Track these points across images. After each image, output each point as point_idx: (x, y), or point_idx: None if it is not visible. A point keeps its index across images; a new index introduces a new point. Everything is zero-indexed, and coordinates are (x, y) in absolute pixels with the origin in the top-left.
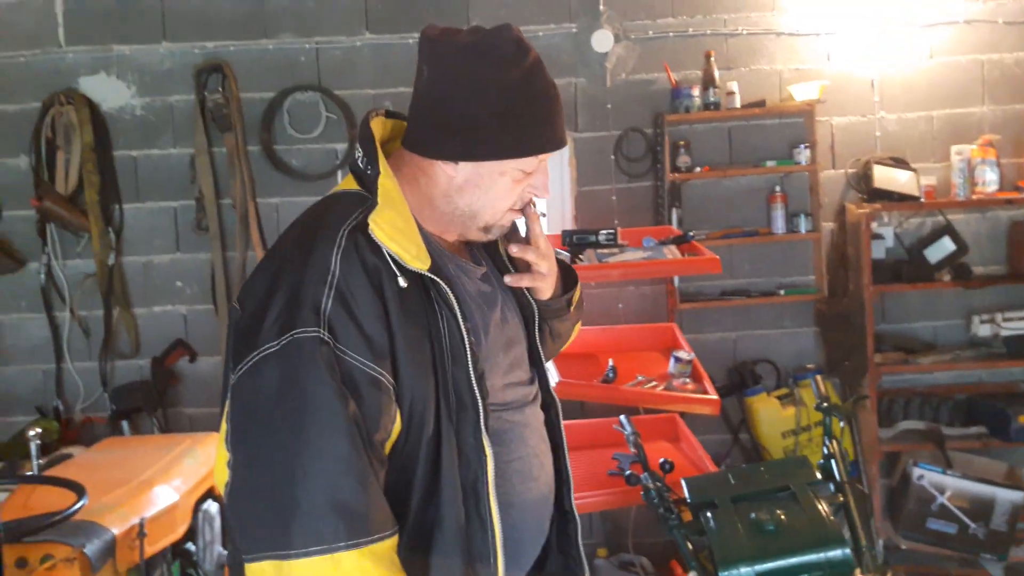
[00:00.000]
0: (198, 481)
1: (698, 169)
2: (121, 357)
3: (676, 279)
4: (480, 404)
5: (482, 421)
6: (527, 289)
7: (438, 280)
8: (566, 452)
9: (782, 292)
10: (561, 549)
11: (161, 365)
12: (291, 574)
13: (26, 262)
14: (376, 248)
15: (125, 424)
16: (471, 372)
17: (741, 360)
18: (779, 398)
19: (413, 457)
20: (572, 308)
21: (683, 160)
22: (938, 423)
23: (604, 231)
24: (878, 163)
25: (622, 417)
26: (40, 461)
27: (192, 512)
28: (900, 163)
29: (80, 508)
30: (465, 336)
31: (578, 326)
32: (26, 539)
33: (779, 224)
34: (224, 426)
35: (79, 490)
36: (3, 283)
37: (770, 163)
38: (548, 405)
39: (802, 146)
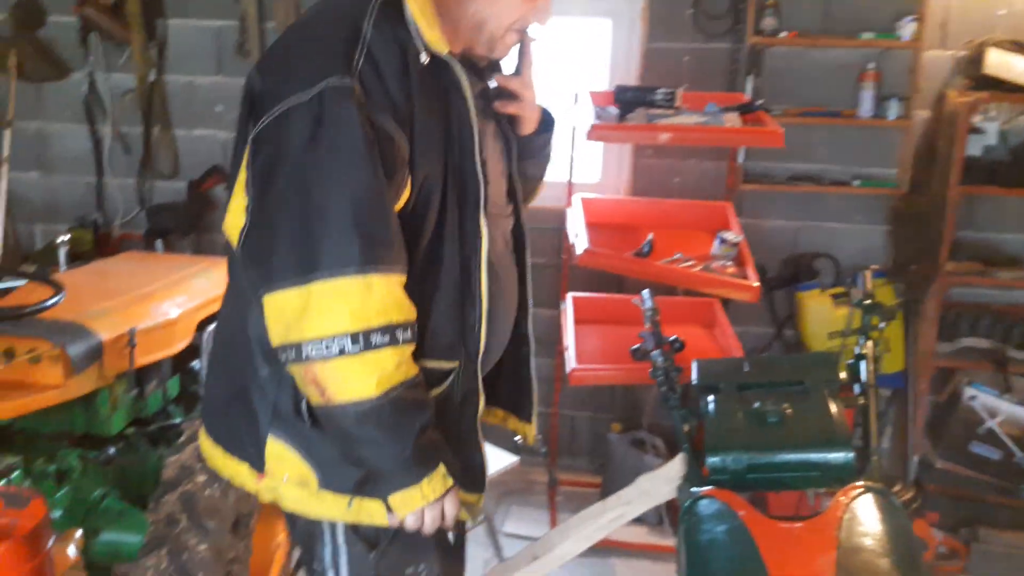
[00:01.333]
0: (206, 300)
1: (784, 34)
2: (160, 177)
3: (741, 156)
4: (481, 187)
5: (482, 204)
6: (509, 121)
7: (454, 66)
8: (528, 282)
9: (857, 183)
10: (512, 374)
11: (197, 189)
12: (317, 294)
13: (70, 71)
14: (404, 25)
15: (159, 243)
16: (476, 156)
17: (800, 252)
18: (833, 296)
19: (418, 227)
20: (548, 152)
21: (768, 23)
22: (1006, 344)
23: (662, 90)
24: (995, 45)
25: (644, 292)
26: (67, 268)
27: (196, 331)
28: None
29: (51, 305)
30: (473, 122)
31: (543, 186)
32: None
33: (867, 107)
34: (243, 173)
35: (57, 288)
36: (48, 91)
37: (867, 35)
38: (519, 237)
39: (908, 18)
